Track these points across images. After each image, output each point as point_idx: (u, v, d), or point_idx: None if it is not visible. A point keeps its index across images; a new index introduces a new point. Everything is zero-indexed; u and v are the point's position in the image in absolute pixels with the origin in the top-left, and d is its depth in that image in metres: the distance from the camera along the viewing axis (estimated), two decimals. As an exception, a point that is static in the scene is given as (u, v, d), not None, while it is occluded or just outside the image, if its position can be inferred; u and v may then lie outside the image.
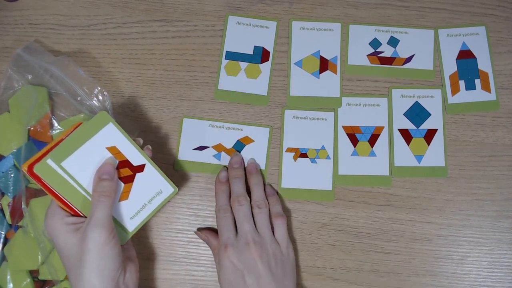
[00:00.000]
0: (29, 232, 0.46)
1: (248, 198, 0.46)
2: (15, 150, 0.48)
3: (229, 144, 0.50)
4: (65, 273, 0.46)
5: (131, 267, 0.41)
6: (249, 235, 0.43)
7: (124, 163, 0.40)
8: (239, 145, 0.50)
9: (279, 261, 0.44)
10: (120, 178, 0.40)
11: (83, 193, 0.39)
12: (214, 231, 0.48)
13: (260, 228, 0.45)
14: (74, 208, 0.39)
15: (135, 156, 0.41)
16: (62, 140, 0.39)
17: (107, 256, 0.37)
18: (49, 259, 0.46)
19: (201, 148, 0.50)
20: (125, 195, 0.41)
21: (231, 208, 0.46)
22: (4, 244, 0.47)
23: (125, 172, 0.41)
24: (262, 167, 0.50)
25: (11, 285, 0.46)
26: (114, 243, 0.38)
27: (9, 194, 0.47)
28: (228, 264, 0.42)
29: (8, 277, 0.46)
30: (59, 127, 0.49)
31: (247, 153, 0.50)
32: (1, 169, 0.48)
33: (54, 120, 0.49)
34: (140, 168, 0.41)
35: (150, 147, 0.43)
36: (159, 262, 0.49)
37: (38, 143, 0.48)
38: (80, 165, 0.38)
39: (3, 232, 0.47)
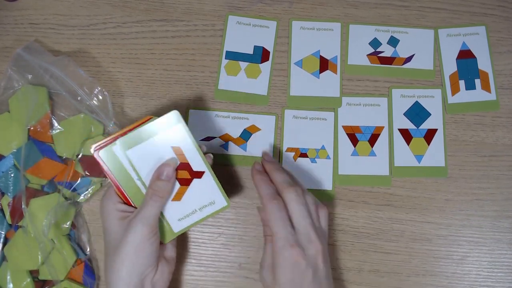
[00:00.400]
0: (29, 232, 0.46)
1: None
2: (15, 150, 0.48)
3: (235, 134, 0.51)
4: (65, 273, 0.46)
5: (164, 268, 0.41)
6: (312, 232, 0.40)
7: (185, 166, 0.41)
8: (246, 134, 0.50)
9: (327, 257, 0.42)
10: (178, 179, 0.41)
11: (139, 184, 0.40)
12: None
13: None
14: (127, 197, 0.40)
15: (196, 161, 0.41)
16: (130, 130, 0.39)
17: (142, 252, 0.38)
18: (49, 259, 0.46)
19: (208, 138, 0.50)
20: (178, 196, 0.41)
21: None
22: (4, 244, 0.47)
23: (184, 174, 0.41)
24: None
25: (11, 285, 0.46)
26: (153, 242, 0.38)
27: (9, 194, 0.47)
28: (292, 262, 0.38)
29: (8, 277, 0.46)
30: (59, 127, 0.49)
31: (254, 142, 0.50)
32: (1, 169, 0.48)
33: (54, 120, 0.49)
34: (199, 174, 0.41)
35: (211, 155, 0.43)
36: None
37: (38, 143, 0.48)
38: (143, 157, 0.40)
39: (3, 232, 0.47)
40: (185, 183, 0.41)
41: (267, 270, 0.41)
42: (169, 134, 0.40)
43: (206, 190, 0.42)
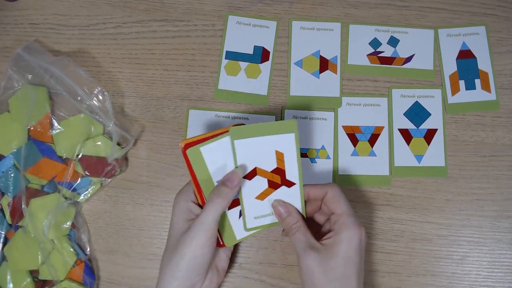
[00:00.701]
0: (29, 232, 0.46)
1: None
2: (15, 150, 0.48)
3: None
4: (65, 273, 0.46)
5: (213, 278, 0.41)
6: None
7: (280, 172, 0.41)
8: None
9: None
10: (268, 181, 0.41)
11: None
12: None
13: None
14: (204, 198, 0.41)
15: (293, 172, 0.41)
16: (217, 134, 0.40)
17: (195, 258, 0.38)
18: (49, 259, 0.46)
19: None
20: (262, 196, 0.42)
21: None
22: (4, 244, 0.47)
23: (275, 178, 0.41)
24: None
25: (11, 285, 0.46)
26: (208, 251, 0.39)
27: (9, 194, 0.47)
28: (356, 240, 0.39)
29: (8, 277, 0.46)
30: (59, 127, 0.49)
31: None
32: (1, 169, 0.48)
33: (54, 120, 0.49)
34: (290, 183, 0.42)
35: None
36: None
37: (38, 143, 0.48)
38: (247, 151, 0.40)
39: (3, 232, 0.47)
40: (274, 186, 0.42)
41: (312, 250, 0.39)
42: (280, 139, 0.40)
43: (290, 200, 0.42)
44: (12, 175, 0.47)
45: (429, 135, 0.51)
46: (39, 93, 0.48)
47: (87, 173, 0.48)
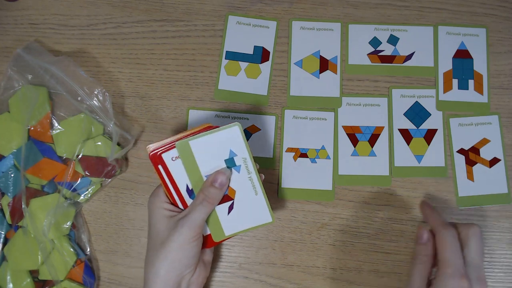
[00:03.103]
0: (29, 232, 0.46)
1: None
2: (15, 150, 0.48)
3: None
4: (65, 273, 0.46)
5: (201, 270, 0.42)
6: (483, 271, 0.40)
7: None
8: (246, 134, 0.51)
9: None
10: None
11: (188, 186, 0.41)
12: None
13: None
14: (174, 198, 0.41)
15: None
16: (187, 135, 0.40)
17: (184, 252, 0.38)
18: (49, 259, 0.46)
19: None
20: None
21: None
22: (4, 244, 0.47)
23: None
24: (270, 155, 0.50)
25: (11, 285, 0.46)
26: (196, 244, 0.39)
27: (9, 194, 0.47)
28: None
29: (8, 277, 0.46)
30: (59, 127, 0.49)
31: (254, 142, 0.50)
32: (1, 169, 0.48)
33: (54, 120, 0.49)
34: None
35: (263, 175, 0.43)
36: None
37: (38, 143, 0.48)
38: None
39: (3, 232, 0.47)
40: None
41: None
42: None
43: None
44: (12, 175, 0.47)
45: (429, 135, 0.51)
46: (39, 93, 0.48)
47: (87, 173, 0.48)
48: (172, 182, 0.41)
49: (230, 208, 0.42)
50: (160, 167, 0.40)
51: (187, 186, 0.41)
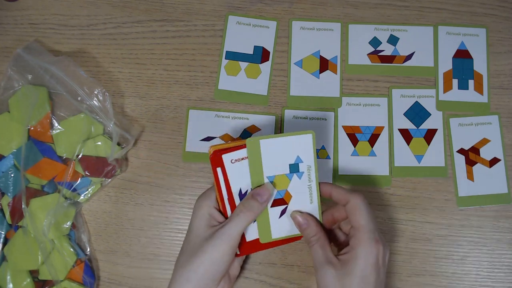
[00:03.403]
0: (29, 232, 0.46)
1: None
2: (15, 150, 0.48)
3: (235, 134, 0.51)
4: (65, 273, 0.46)
5: (225, 285, 0.41)
6: (381, 235, 0.40)
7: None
8: (246, 134, 0.51)
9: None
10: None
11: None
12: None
13: None
14: (225, 204, 0.40)
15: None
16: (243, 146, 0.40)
17: (214, 266, 0.38)
18: (49, 259, 0.46)
19: (208, 138, 0.50)
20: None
21: None
22: (4, 244, 0.47)
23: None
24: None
25: (11, 285, 0.46)
26: (228, 259, 0.38)
27: (9, 194, 0.47)
28: (373, 257, 0.38)
29: (8, 277, 0.46)
30: (59, 127, 0.49)
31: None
32: (1, 169, 0.48)
33: (54, 120, 0.49)
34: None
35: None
36: (159, 262, 0.49)
37: (38, 143, 0.48)
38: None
39: (3, 232, 0.47)
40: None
41: (329, 265, 0.39)
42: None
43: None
44: (12, 175, 0.47)
45: (429, 135, 0.51)
46: (39, 93, 0.48)
47: (87, 173, 0.48)
48: (227, 186, 0.40)
49: (283, 212, 0.41)
50: (218, 169, 0.39)
51: (240, 190, 0.40)
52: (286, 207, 0.41)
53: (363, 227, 0.38)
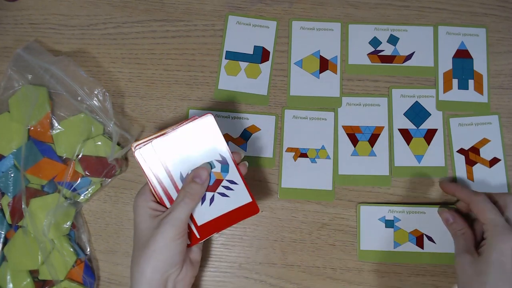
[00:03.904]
0: (29, 232, 0.46)
1: None
2: (15, 150, 0.48)
3: (235, 134, 0.51)
4: (65, 273, 0.46)
5: (188, 269, 0.41)
6: None
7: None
8: (246, 134, 0.51)
9: None
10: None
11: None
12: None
13: None
14: (160, 196, 0.41)
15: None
16: (168, 131, 0.40)
17: (168, 251, 0.38)
18: (49, 259, 0.46)
19: None
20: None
21: None
22: (4, 244, 0.47)
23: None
24: (270, 155, 0.50)
25: (11, 285, 0.46)
26: (180, 242, 0.39)
27: (9, 194, 0.47)
28: (510, 247, 0.40)
29: (8, 277, 0.46)
30: (59, 127, 0.49)
31: (254, 142, 0.50)
32: (1, 169, 0.48)
33: (54, 120, 0.49)
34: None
35: (247, 163, 0.43)
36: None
37: (38, 143, 0.48)
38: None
39: (3, 232, 0.47)
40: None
41: (467, 253, 0.43)
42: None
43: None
44: (12, 175, 0.47)
45: (429, 135, 0.51)
46: (39, 93, 0.48)
47: (87, 173, 0.48)
48: (156, 176, 0.40)
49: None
50: (143, 162, 0.40)
51: (181, 174, 0.41)
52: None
53: (493, 221, 0.41)
